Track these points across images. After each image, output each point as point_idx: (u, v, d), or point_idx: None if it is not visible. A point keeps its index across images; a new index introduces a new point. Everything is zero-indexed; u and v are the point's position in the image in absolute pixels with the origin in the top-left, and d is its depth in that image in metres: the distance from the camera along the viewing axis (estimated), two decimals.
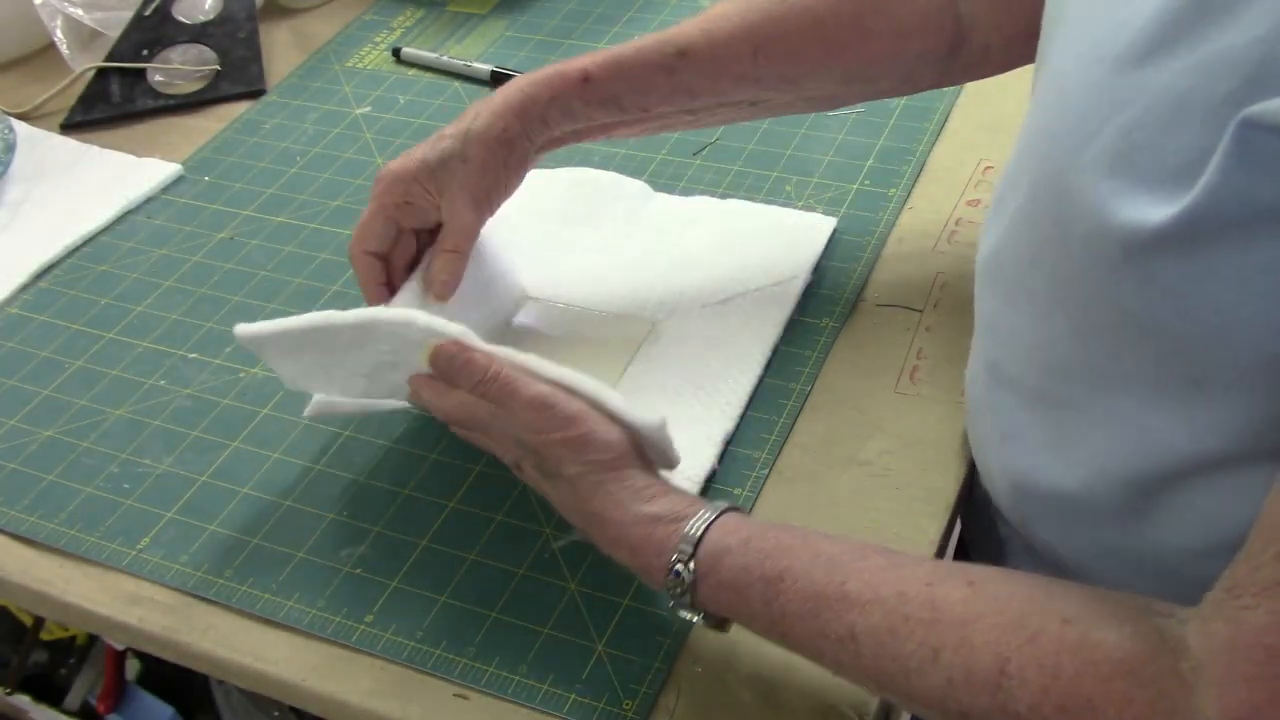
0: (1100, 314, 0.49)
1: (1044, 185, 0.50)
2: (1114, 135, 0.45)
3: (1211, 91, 0.41)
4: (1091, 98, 0.46)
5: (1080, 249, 0.48)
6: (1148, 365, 0.49)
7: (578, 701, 0.58)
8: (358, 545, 0.66)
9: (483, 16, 1.14)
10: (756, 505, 0.66)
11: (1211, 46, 0.42)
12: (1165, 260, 0.43)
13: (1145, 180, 0.43)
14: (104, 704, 1.04)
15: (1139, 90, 0.44)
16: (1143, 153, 0.44)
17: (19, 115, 1.04)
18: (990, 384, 0.61)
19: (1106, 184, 0.45)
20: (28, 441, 0.75)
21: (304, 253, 0.87)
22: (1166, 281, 0.44)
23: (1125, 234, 0.44)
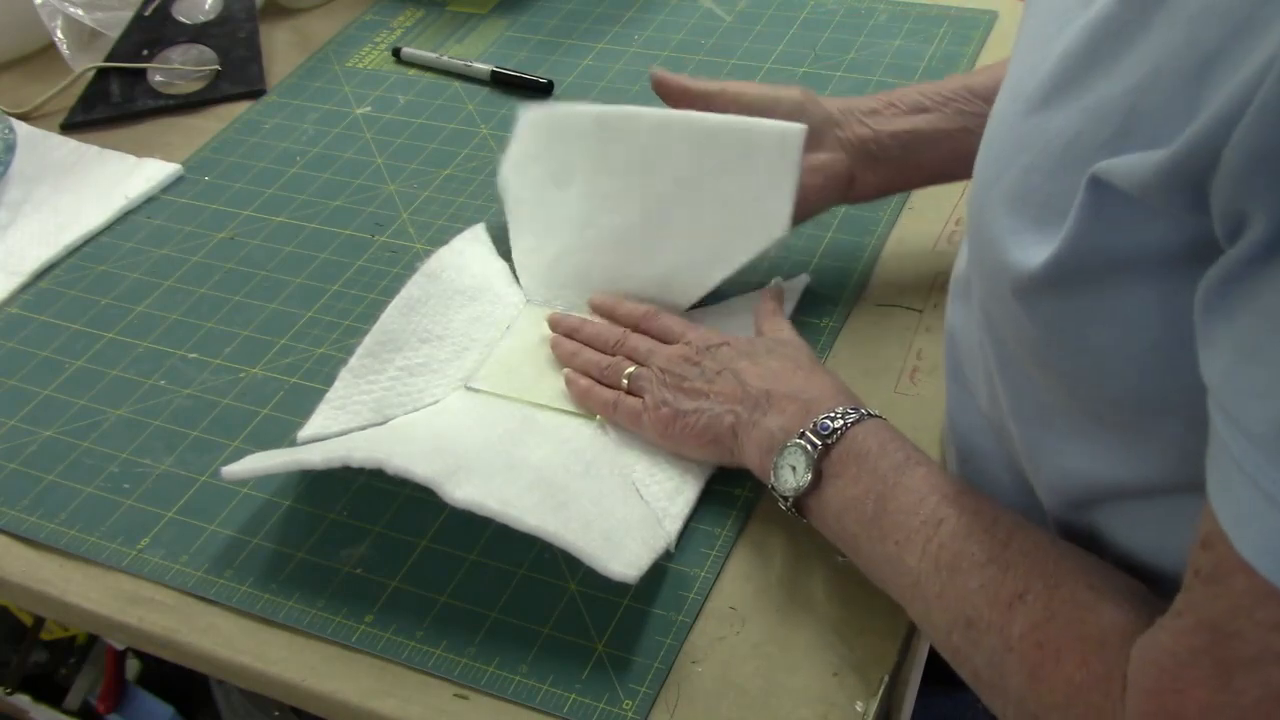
0: (1013, 348, 0.51)
1: (972, 219, 0.51)
2: (1015, 176, 0.46)
3: (1091, 139, 0.42)
4: (1004, 138, 0.48)
5: (991, 284, 0.49)
6: (1055, 400, 0.50)
7: (578, 701, 0.58)
8: (358, 545, 0.66)
9: (483, 16, 1.14)
10: (756, 505, 0.66)
11: (1095, 94, 0.42)
12: (1045, 302, 0.45)
13: (1035, 221, 0.45)
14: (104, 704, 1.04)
15: (1038, 133, 0.45)
16: (1034, 194, 0.45)
17: (19, 115, 1.04)
18: (957, 383, 0.63)
19: (1005, 222, 0.46)
20: (28, 441, 0.75)
21: (304, 253, 0.87)
22: (1052, 320, 0.46)
23: (1014, 273, 0.46)
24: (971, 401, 0.61)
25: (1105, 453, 0.49)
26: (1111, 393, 0.46)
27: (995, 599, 0.50)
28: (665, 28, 1.08)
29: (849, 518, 0.58)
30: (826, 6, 1.08)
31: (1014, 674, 0.49)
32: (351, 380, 0.73)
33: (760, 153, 0.74)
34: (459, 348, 0.76)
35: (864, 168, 0.75)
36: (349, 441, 0.67)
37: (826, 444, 0.59)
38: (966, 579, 0.51)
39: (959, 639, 0.51)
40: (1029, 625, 0.48)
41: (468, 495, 0.60)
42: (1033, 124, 0.45)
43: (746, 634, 0.60)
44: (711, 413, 0.65)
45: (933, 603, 0.53)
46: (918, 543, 0.54)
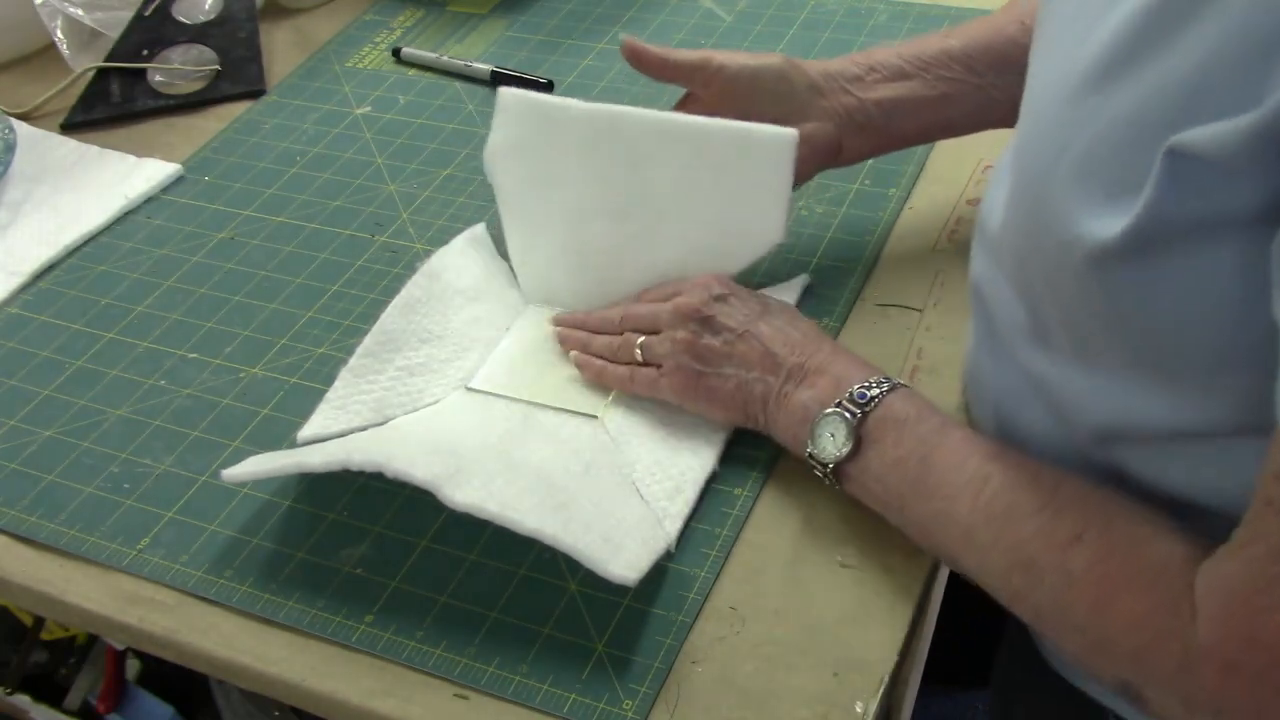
0: (1078, 310, 0.52)
1: (1026, 193, 0.53)
2: (1080, 152, 0.48)
3: (1157, 115, 0.44)
4: (1061, 116, 0.49)
5: (1054, 254, 0.51)
6: (1123, 354, 0.52)
7: (578, 701, 0.58)
8: (358, 545, 0.66)
9: (483, 16, 1.14)
10: (756, 505, 0.66)
11: (1154, 72, 0.44)
12: (1121, 269, 0.47)
13: (1106, 193, 0.47)
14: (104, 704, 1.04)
15: (1098, 112, 0.47)
16: (1102, 169, 0.47)
17: (19, 115, 1.04)
18: (986, 349, 0.63)
19: (1074, 197, 0.48)
20: (28, 441, 0.75)
21: (304, 253, 0.87)
22: (1126, 288, 0.47)
23: (1087, 245, 0.47)
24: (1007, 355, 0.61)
25: (1165, 402, 0.51)
26: (1182, 351, 0.48)
27: (1052, 542, 0.52)
28: (665, 28, 1.08)
29: (893, 479, 0.60)
30: (826, 6, 1.08)
31: (1078, 608, 0.51)
32: (351, 380, 0.73)
33: (754, 158, 0.73)
34: (459, 348, 0.76)
35: (850, 135, 0.76)
36: (349, 443, 0.67)
37: (865, 411, 0.61)
38: (1020, 526, 0.54)
39: (1019, 581, 0.54)
40: (1089, 562, 0.51)
41: (467, 498, 0.60)
42: (1092, 100, 0.47)
43: (746, 634, 0.60)
44: (740, 379, 0.66)
45: (988, 551, 0.55)
46: (966, 497, 0.56)
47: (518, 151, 0.80)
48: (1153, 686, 0.49)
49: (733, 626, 0.61)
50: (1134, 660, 0.49)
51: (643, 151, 0.76)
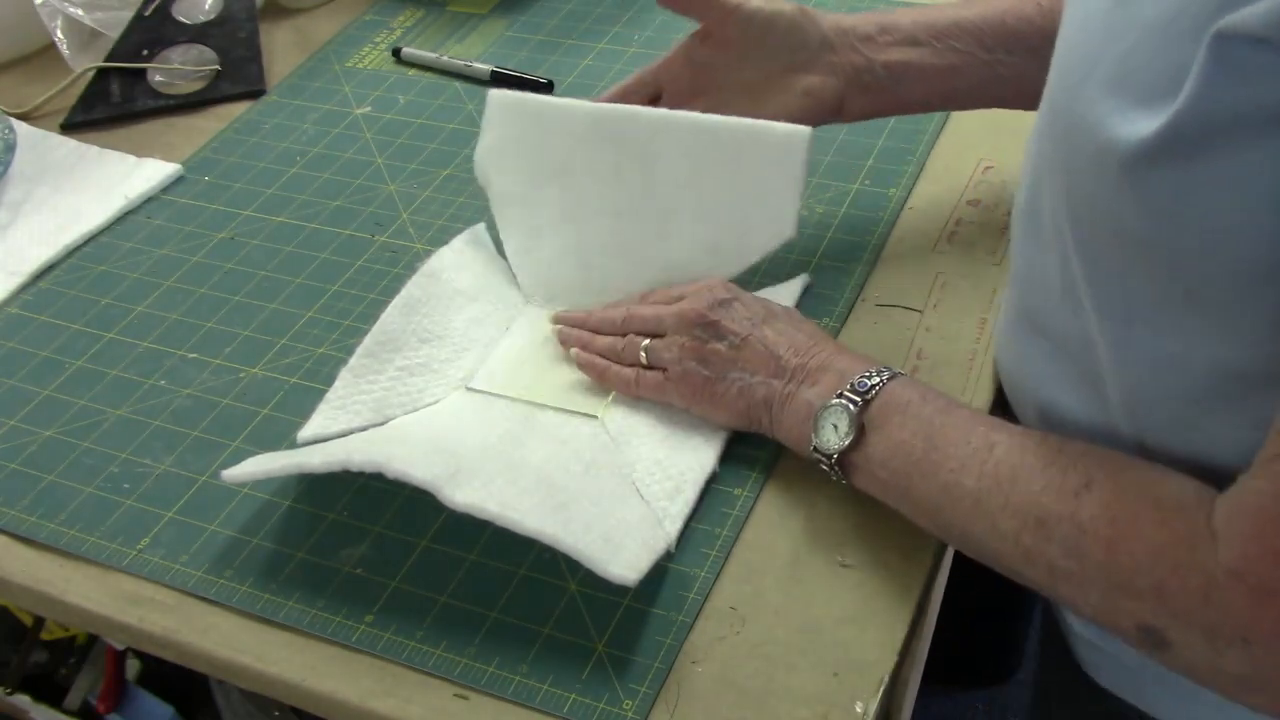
0: (1110, 242, 0.52)
1: (1058, 116, 0.53)
2: (1112, 62, 0.48)
3: (1195, 12, 0.44)
4: (1093, 33, 0.50)
5: (1087, 171, 0.51)
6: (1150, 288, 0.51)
7: (578, 701, 0.58)
8: (358, 545, 0.66)
9: (483, 16, 1.14)
10: (756, 505, 0.66)
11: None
12: (1156, 172, 0.46)
13: (1139, 98, 0.46)
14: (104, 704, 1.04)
15: (1132, 21, 0.47)
16: (1136, 74, 0.47)
17: (19, 115, 1.04)
18: (1023, 331, 0.63)
19: (1105, 104, 0.48)
20: (28, 441, 0.75)
21: (304, 253, 0.87)
22: (1162, 193, 0.47)
23: (1121, 149, 0.47)
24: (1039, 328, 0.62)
25: (1201, 333, 0.50)
26: (1217, 263, 0.47)
27: (1061, 493, 0.52)
28: (665, 28, 1.08)
29: (897, 461, 0.60)
30: (826, 6, 1.07)
31: (1091, 552, 0.51)
32: (351, 380, 0.73)
33: (765, 155, 0.73)
34: (459, 348, 0.76)
35: (854, 93, 0.76)
36: (349, 444, 0.67)
37: (866, 400, 0.61)
38: (1028, 484, 0.54)
39: (1030, 539, 0.53)
40: (1100, 506, 0.51)
41: (467, 499, 0.60)
42: (1123, 14, 0.48)
43: (746, 634, 0.60)
44: (744, 383, 0.66)
45: (997, 515, 0.55)
46: (974, 466, 0.56)
47: (511, 153, 0.80)
48: (1176, 626, 0.49)
49: (733, 626, 0.61)
50: (1155, 597, 0.49)
51: (651, 149, 0.76)
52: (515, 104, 0.80)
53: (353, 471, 0.63)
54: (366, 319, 0.78)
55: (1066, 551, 0.52)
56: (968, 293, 0.78)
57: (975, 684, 1.38)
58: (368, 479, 0.69)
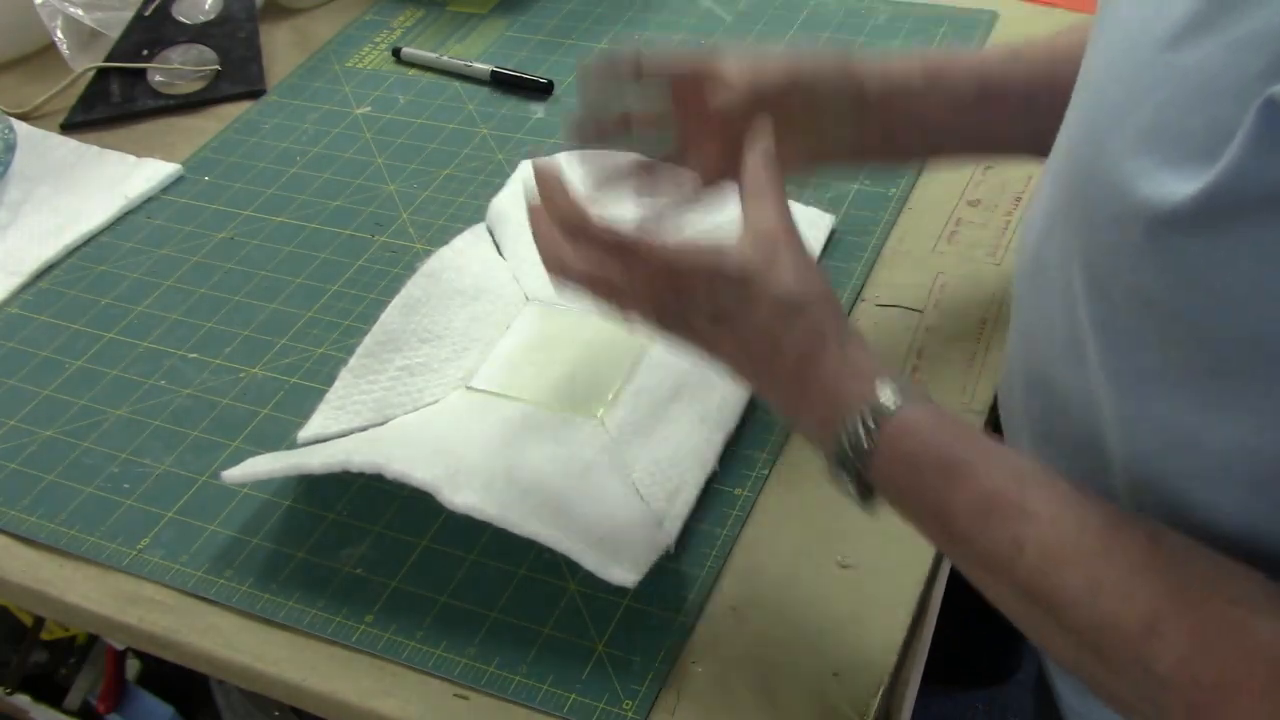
0: (1125, 303, 0.49)
1: (1079, 170, 0.50)
2: (1146, 116, 0.45)
3: (1241, 71, 0.41)
4: (1129, 81, 0.46)
5: (1107, 231, 0.47)
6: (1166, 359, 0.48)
7: (578, 701, 0.58)
8: (358, 545, 0.66)
9: (483, 16, 1.14)
10: (756, 505, 0.66)
11: (1243, 27, 0.41)
12: (1186, 240, 0.43)
13: (1171, 159, 0.43)
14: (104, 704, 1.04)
15: (1172, 71, 0.44)
16: (1170, 131, 0.44)
17: (19, 115, 1.04)
18: (1022, 385, 0.61)
19: (1134, 163, 0.45)
20: (28, 441, 0.75)
21: (304, 253, 0.87)
22: (1188, 262, 0.44)
23: (1148, 212, 0.44)
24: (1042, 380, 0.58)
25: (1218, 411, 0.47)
26: (1240, 340, 0.44)
27: (1124, 632, 0.45)
28: (665, 28, 1.08)
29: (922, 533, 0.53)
30: (827, 6, 1.08)
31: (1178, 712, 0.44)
32: (351, 380, 0.73)
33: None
34: (459, 348, 0.76)
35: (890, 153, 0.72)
36: (348, 445, 0.67)
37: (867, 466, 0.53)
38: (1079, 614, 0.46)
39: (1094, 667, 0.47)
40: (1176, 660, 0.44)
41: (467, 500, 0.60)
42: (1165, 62, 0.44)
43: (746, 634, 0.60)
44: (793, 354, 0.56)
45: (1044, 635, 0.49)
46: (1000, 571, 0.49)
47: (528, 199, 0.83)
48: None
49: (733, 626, 0.61)
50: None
51: None
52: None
53: (353, 472, 0.63)
54: (366, 319, 0.78)
55: (1143, 698, 0.45)
56: (968, 293, 0.78)
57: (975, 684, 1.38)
58: (368, 479, 0.69)
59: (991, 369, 0.72)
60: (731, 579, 0.63)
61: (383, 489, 0.68)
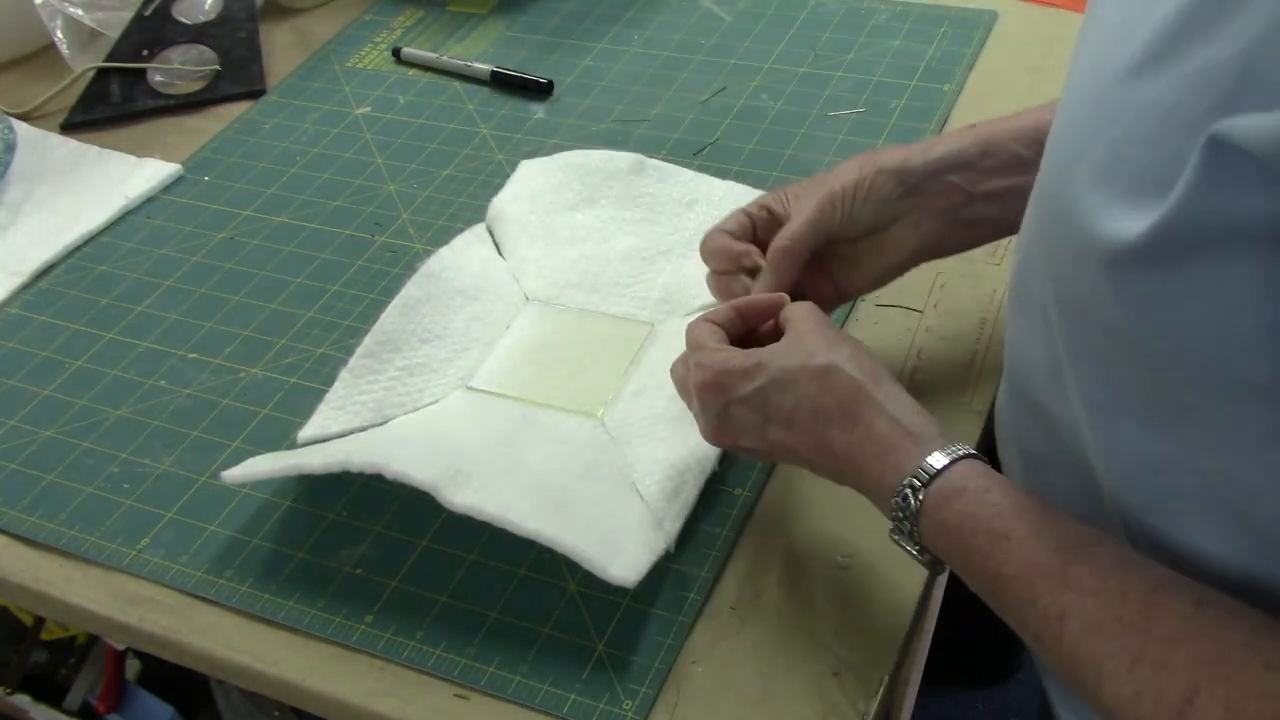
0: (1093, 333, 0.49)
1: (1047, 200, 0.50)
2: (1105, 148, 0.45)
3: (1194, 106, 0.41)
4: (1091, 111, 0.46)
5: (1072, 264, 0.48)
6: (1137, 389, 0.48)
7: (578, 701, 0.58)
8: (358, 545, 0.66)
9: (483, 16, 1.14)
10: (756, 505, 0.66)
11: (1198, 60, 0.41)
12: (1141, 275, 0.43)
13: (1128, 192, 0.43)
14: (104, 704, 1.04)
15: (1131, 103, 0.44)
16: (1128, 165, 0.43)
17: (19, 115, 1.04)
18: (1014, 409, 0.60)
19: (1094, 196, 0.45)
20: (28, 441, 0.75)
21: (304, 253, 0.87)
22: (1144, 297, 0.44)
23: (1106, 246, 0.44)
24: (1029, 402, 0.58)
25: (1186, 441, 0.47)
26: (1201, 374, 0.44)
27: (1160, 705, 0.44)
28: (665, 28, 1.08)
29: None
30: (826, 6, 1.08)
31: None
32: (351, 380, 0.73)
33: None
34: (459, 348, 0.76)
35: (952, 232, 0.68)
36: (348, 444, 0.67)
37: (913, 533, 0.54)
38: (1117, 686, 0.46)
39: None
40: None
41: (466, 500, 0.60)
42: (1123, 94, 0.44)
43: (746, 634, 0.60)
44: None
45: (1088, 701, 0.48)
46: (1047, 640, 0.49)
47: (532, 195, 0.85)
48: None
49: (733, 626, 0.61)
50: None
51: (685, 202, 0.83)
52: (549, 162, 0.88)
53: (353, 472, 0.63)
54: (366, 319, 0.78)
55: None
56: (968, 293, 0.78)
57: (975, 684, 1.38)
58: (368, 479, 0.69)
59: (991, 369, 0.72)
60: (731, 579, 0.63)
61: (383, 489, 0.68)
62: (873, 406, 0.55)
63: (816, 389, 0.56)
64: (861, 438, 0.55)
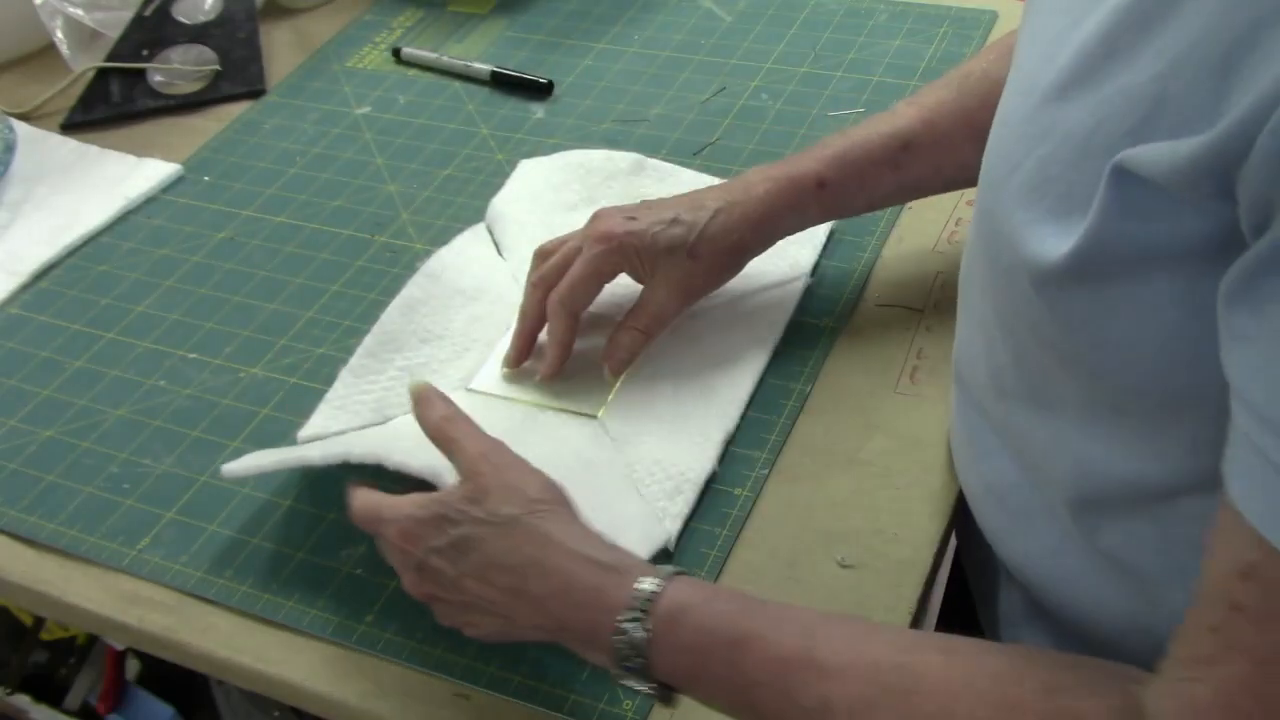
0: (1031, 341, 0.50)
1: (982, 214, 0.51)
2: (1032, 168, 0.45)
3: (1113, 129, 0.41)
4: (1019, 130, 0.47)
5: (1005, 279, 0.48)
6: (1075, 392, 0.49)
7: (578, 701, 0.58)
8: (358, 545, 0.66)
9: (483, 16, 1.14)
10: (756, 505, 0.66)
11: (1118, 83, 0.42)
12: (1067, 293, 0.44)
13: (1053, 213, 0.44)
14: (104, 704, 1.04)
15: (1055, 125, 0.44)
16: (1053, 185, 0.44)
17: (19, 115, 1.04)
18: (960, 394, 0.61)
19: (1021, 215, 0.45)
20: (28, 441, 0.75)
21: (304, 253, 0.87)
22: (1071, 312, 0.45)
23: (1033, 266, 0.45)
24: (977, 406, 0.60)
25: (1124, 444, 0.48)
26: (1133, 383, 0.45)
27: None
28: (665, 28, 1.08)
29: None
30: (826, 6, 1.07)
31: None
32: (351, 380, 0.73)
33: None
34: (459, 348, 0.76)
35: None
36: (349, 439, 0.67)
37: (646, 667, 0.51)
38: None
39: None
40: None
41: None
42: (1049, 116, 0.45)
43: None
44: None
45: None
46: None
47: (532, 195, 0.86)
48: None
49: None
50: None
51: None
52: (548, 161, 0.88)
53: (352, 469, 0.63)
54: (366, 319, 0.78)
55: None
56: None
57: None
58: (368, 479, 0.69)
59: None
60: (731, 579, 0.63)
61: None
62: (564, 552, 0.53)
63: (505, 545, 0.53)
64: (562, 586, 0.52)
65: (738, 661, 0.49)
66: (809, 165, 0.72)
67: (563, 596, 0.52)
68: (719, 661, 0.49)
